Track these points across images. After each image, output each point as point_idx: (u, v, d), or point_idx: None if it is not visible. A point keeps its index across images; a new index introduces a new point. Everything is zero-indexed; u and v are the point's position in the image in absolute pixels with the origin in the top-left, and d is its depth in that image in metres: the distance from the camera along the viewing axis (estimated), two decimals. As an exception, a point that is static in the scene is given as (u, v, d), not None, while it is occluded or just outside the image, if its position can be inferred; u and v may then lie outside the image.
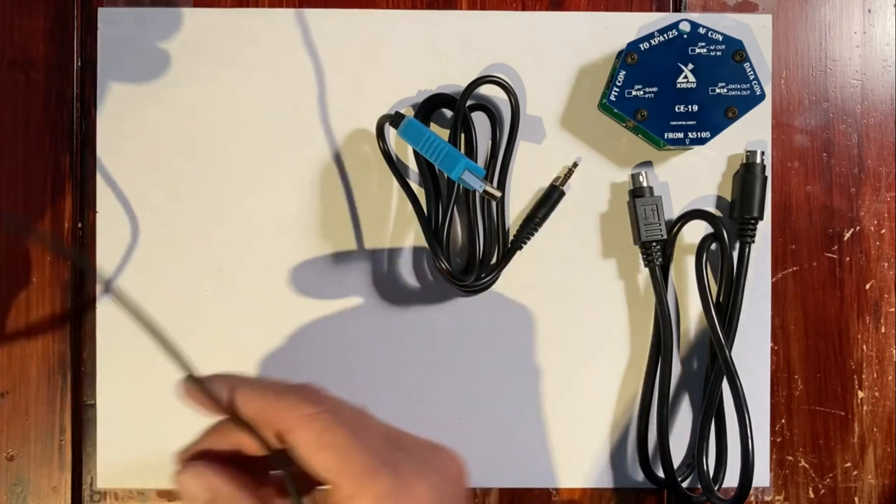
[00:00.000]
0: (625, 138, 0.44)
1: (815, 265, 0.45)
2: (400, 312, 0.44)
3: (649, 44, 0.42)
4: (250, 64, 0.44)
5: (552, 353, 0.44)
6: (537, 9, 0.45)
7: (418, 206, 0.43)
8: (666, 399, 0.43)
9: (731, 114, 0.42)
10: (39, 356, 0.44)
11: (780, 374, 0.45)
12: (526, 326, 0.44)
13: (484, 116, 0.43)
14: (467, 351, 0.44)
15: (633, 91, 0.42)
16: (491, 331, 0.44)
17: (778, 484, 0.45)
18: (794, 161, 0.45)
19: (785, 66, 0.45)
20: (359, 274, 0.44)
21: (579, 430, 0.44)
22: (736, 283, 0.43)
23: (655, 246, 0.43)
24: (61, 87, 0.44)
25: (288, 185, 0.44)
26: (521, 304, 0.44)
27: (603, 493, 0.45)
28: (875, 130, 0.45)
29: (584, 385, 0.44)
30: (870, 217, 0.45)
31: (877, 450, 0.45)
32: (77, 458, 0.44)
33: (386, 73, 0.44)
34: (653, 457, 0.44)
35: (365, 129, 0.44)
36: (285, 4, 0.44)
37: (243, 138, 0.44)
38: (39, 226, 0.44)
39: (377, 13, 0.44)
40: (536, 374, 0.44)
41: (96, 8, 0.44)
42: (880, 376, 0.45)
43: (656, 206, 0.43)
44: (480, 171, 0.40)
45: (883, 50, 0.46)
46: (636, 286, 0.45)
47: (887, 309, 0.45)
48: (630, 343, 0.45)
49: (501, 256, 0.43)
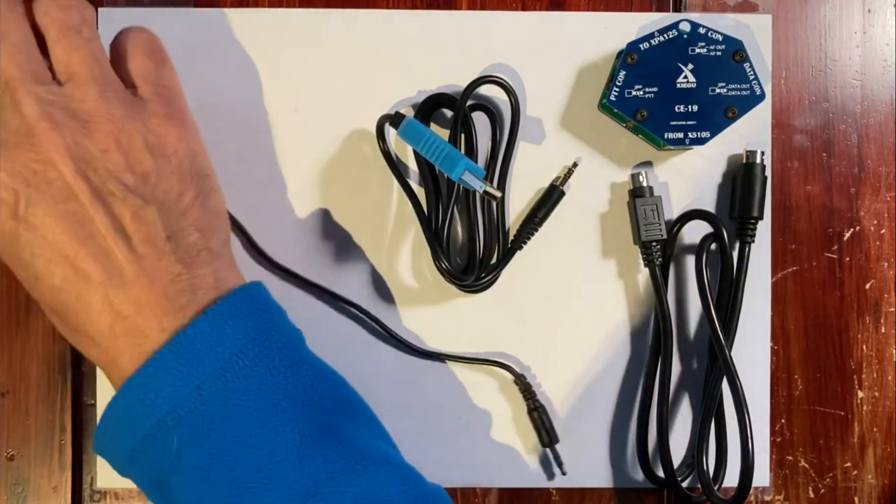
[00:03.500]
0: (625, 138, 0.44)
1: (814, 265, 0.45)
2: (400, 312, 0.44)
3: (649, 44, 0.42)
4: (250, 64, 0.44)
5: (552, 353, 0.44)
6: (537, 9, 0.45)
7: (418, 206, 0.43)
8: (666, 399, 0.43)
9: (731, 114, 0.42)
10: (39, 356, 0.44)
11: (780, 374, 0.45)
12: (526, 326, 0.44)
13: (484, 116, 0.43)
14: (467, 351, 0.44)
15: (633, 91, 0.42)
16: (491, 331, 0.44)
17: (778, 484, 0.45)
18: (794, 161, 0.45)
19: (785, 66, 0.45)
20: (359, 274, 0.44)
21: (579, 429, 0.44)
22: (736, 283, 0.43)
23: (655, 246, 0.43)
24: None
25: (288, 185, 0.44)
26: (521, 303, 0.44)
27: (603, 492, 0.45)
28: (875, 130, 0.45)
29: (583, 385, 0.44)
30: (870, 217, 0.45)
31: (877, 450, 0.45)
32: (77, 458, 0.44)
33: (386, 73, 0.44)
34: (653, 457, 0.44)
35: (365, 129, 0.44)
36: (285, 4, 0.44)
37: (243, 138, 0.44)
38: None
39: (377, 13, 0.44)
40: (536, 373, 0.44)
41: (96, 8, 0.44)
42: (880, 376, 0.45)
43: (656, 206, 0.43)
44: (480, 172, 0.40)
45: (883, 50, 0.46)
46: (636, 286, 0.45)
47: (887, 309, 0.45)
48: (630, 343, 0.45)
49: (501, 256, 0.43)
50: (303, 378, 0.34)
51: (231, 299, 0.33)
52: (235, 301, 0.33)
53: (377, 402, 0.39)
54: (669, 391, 0.44)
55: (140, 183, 0.33)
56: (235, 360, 0.32)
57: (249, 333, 0.33)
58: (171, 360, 0.32)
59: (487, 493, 0.45)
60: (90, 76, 0.33)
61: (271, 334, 0.33)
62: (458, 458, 0.44)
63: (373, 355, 0.44)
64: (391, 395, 0.44)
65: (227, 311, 0.33)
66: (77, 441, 0.44)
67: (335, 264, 0.44)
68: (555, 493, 0.45)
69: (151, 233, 0.32)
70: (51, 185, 0.32)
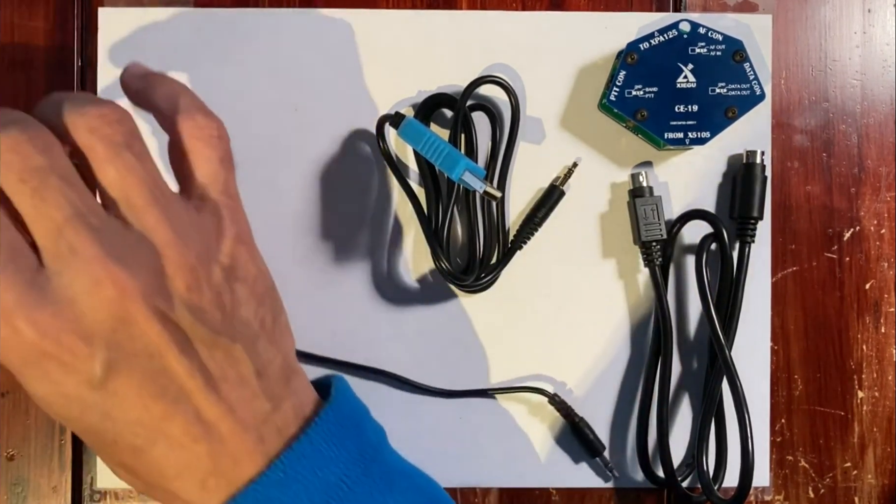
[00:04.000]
0: (625, 138, 0.44)
1: (814, 265, 0.45)
2: (400, 312, 0.44)
3: (649, 44, 0.42)
4: (250, 64, 0.44)
5: (552, 353, 0.44)
6: (537, 9, 0.45)
7: (418, 206, 0.43)
8: (666, 399, 0.43)
9: (731, 114, 0.42)
10: (39, 356, 0.44)
11: (780, 374, 0.45)
12: (525, 326, 0.44)
13: (484, 116, 0.43)
14: (467, 351, 0.44)
15: (633, 91, 0.42)
16: (491, 331, 0.44)
17: (778, 484, 0.45)
18: (794, 161, 0.45)
19: (785, 66, 0.45)
20: (359, 274, 0.44)
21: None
22: (736, 283, 0.43)
23: (655, 246, 0.43)
24: (61, 87, 0.44)
25: (288, 185, 0.44)
26: (521, 304, 0.44)
27: (603, 492, 0.45)
28: (875, 130, 0.45)
29: (583, 385, 0.44)
30: (870, 217, 0.45)
31: (877, 450, 0.45)
32: (77, 458, 0.44)
33: (386, 73, 0.44)
34: (653, 456, 0.44)
35: (365, 129, 0.44)
36: (285, 4, 0.44)
37: (243, 138, 0.44)
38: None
39: (377, 13, 0.44)
40: (536, 373, 0.44)
41: (96, 8, 0.44)
42: (880, 376, 0.45)
43: (656, 206, 0.43)
44: (481, 172, 0.40)
45: (883, 50, 0.46)
46: (636, 286, 0.45)
47: (887, 309, 0.45)
48: (630, 343, 0.45)
49: (501, 256, 0.43)
50: (405, 494, 0.32)
51: (323, 426, 0.30)
52: (328, 427, 0.30)
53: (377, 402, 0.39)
54: (669, 391, 0.44)
55: (224, 318, 0.29)
56: (338, 486, 0.29)
57: (350, 455, 0.30)
58: (273, 492, 0.29)
59: (487, 493, 0.45)
60: (152, 200, 0.28)
61: (366, 450, 0.31)
62: (458, 457, 0.44)
63: (373, 355, 0.44)
64: (391, 394, 0.44)
65: (322, 439, 0.30)
66: (77, 441, 0.44)
67: (335, 264, 0.44)
68: (555, 493, 0.45)
69: (242, 373, 0.29)
70: (132, 341, 0.27)
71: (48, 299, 0.26)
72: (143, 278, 0.26)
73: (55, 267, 0.26)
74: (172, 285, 0.27)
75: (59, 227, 0.26)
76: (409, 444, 0.40)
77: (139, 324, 0.26)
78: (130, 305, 0.26)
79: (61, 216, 0.26)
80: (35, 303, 0.26)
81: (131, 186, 0.27)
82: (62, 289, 0.26)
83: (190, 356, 0.28)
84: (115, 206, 0.27)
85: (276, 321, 0.31)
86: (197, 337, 0.28)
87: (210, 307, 0.28)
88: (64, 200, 0.26)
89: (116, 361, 0.27)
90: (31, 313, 0.25)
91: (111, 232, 0.27)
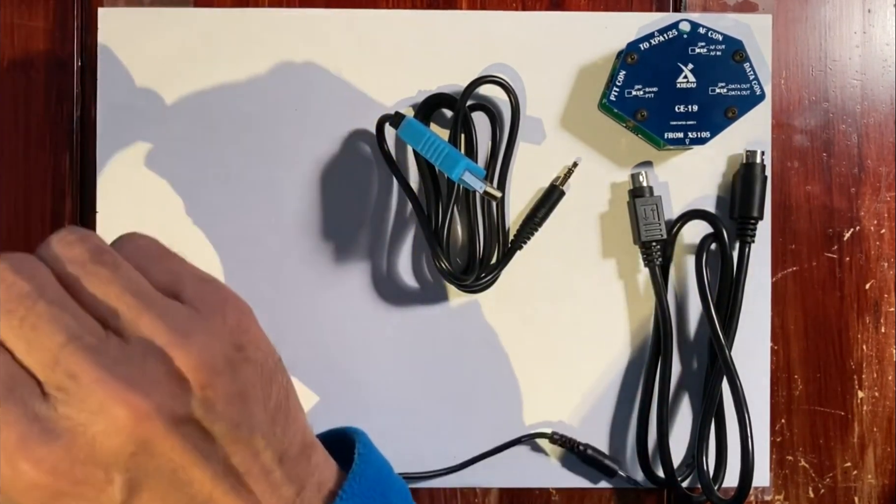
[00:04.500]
0: (625, 138, 0.44)
1: (814, 265, 0.45)
2: (400, 312, 0.44)
3: (649, 44, 0.42)
4: (250, 64, 0.44)
5: (552, 353, 0.44)
6: (537, 9, 0.45)
7: (418, 206, 0.43)
8: (666, 399, 0.43)
9: (731, 114, 0.42)
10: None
11: (780, 374, 0.45)
12: (526, 326, 0.44)
13: (484, 116, 0.43)
14: (467, 351, 0.44)
15: (633, 91, 0.42)
16: (491, 330, 0.44)
17: (778, 484, 0.45)
18: (794, 161, 0.45)
19: (785, 66, 0.45)
20: (359, 274, 0.44)
21: (579, 429, 0.44)
22: (736, 283, 0.43)
23: (655, 246, 0.43)
24: (61, 87, 0.44)
25: (288, 185, 0.44)
26: (520, 303, 0.44)
27: (602, 492, 0.45)
28: (875, 130, 0.45)
29: (583, 385, 0.44)
30: (870, 217, 0.45)
31: (877, 450, 0.45)
32: None
33: (386, 73, 0.44)
34: (652, 456, 0.44)
35: (365, 129, 0.44)
36: (285, 4, 0.44)
37: (243, 138, 0.44)
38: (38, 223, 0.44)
39: (377, 13, 0.44)
40: (536, 373, 0.44)
41: (96, 8, 0.44)
42: (880, 376, 0.45)
43: (656, 206, 0.43)
44: (481, 172, 0.40)
45: (883, 50, 0.46)
46: (636, 286, 0.45)
47: (887, 309, 0.45)
48: (630, 343, 0.45)
49: (501, 256, 0.43)
50: None
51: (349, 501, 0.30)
52: (353, 502, 0.30)
53: (376, 402, 0.39)
54: (669, 391, 0.44)
55: (242, 409, 0.27)
56: None
57: None
58: None
59: (487, 493, 0.45)
60: (141, 305, 0.26)
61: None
62: (458, 457, 0.44)
63: (372, 355, 0.44)
64: (390, 394, 0.44)
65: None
66: None
67: (335, 264, 0.44)
68: (555, 493, 0.45)
69: (264, 463, 0.28)
70: (153, 458, 0.25)
71: (55, 432, 0.24)
72: (155, 393, 0.25)
73: (59, 396, 0.25)
74: (185, 388, 0.26)
75: (55, 355, 0.24)
76: (409, 444, 0.40)
77: (158, 443, 0.25)
78: (147, 426, 0.25)
79: (55, 343, 0.24)
80: (40, 439, 0.24)
81: (114, 298, 0.26)
82: (68, 419, 0.24)
83: (213, 462, 0.26)
84: (107, 323, 0.26)
85: (289, 397, 0.30)
86: (217, 434, 0.27)
87: (226, 400, 0.27)
88: (56, 326, 0.25)
89: (138, 481, 0.25)
90: (36, 451, 0.24)
91: (112, 349, 0.25)
